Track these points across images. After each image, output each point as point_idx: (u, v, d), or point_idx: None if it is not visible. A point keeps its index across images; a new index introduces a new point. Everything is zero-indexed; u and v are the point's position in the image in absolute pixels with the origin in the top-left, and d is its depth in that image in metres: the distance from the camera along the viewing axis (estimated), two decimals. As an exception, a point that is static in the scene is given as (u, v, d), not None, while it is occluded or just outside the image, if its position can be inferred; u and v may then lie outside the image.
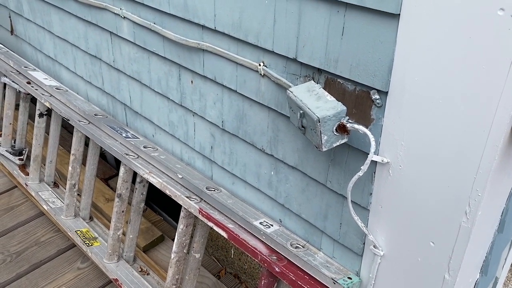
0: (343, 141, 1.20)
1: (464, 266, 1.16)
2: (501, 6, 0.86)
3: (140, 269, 2.18)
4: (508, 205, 1.27)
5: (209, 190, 1.76)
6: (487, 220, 1.17)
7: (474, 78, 0.95)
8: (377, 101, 1.15)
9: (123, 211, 2.11)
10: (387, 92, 1.12)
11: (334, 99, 1.20)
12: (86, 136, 2.24)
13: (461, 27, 0.93)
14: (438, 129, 1.05)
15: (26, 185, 2.61)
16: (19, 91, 2.68)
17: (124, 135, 2.10)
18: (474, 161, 1.02)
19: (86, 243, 2.24)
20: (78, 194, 2.43)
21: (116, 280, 2.08)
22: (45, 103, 2.43)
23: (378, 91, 1.14)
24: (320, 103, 1.18)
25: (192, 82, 1.72)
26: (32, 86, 2.53)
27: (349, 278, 1.41)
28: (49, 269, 2.30)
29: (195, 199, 1.77)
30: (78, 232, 2.31)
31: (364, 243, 1.36)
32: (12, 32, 2.93)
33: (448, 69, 0.98)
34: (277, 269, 1.47)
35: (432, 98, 1.04)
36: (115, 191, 2.11)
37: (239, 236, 1.59)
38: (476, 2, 0.90)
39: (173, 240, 1.91)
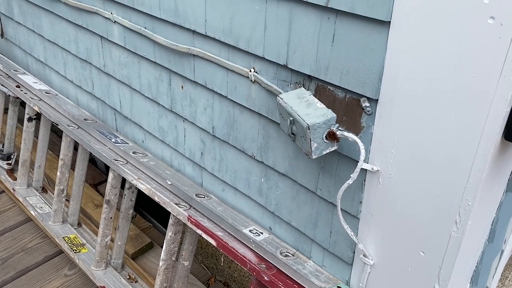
0: (333, 149, 1.19)
1: (454, 276, 1.14)
2: (491, 14, 0.86)
3: (128, 277, 2.15)
4: (499, 214, 1.27)
5: (199, 197, 1.74)
6: (478, 229, 1.17)
7: (465, 87, 0.95)
8: (367, 108, 1.14)
9: (111, 218, 2.08)
10: (377, 100, 1.11)
11: (324, 106, 1.19)
12: (76, 141, 2.21)
13: (452, 35, 0.93)
14: (428, 137, 1.04)
15: (14, 190, 2.57)
16: (8, 95, 2.65)
17: (113, 140, 2.08)
18: (464, 170, 1.01)
19: (73, 250, 2.21)
20: (66, 200, 2.40)
21: (104, 287, 2.05)
22: (34, 107, 2.41)
23: (368, 99, 1.13)
24: (310, 110, 1.17)
25: (182, 87, 1.70)
26: (21, 90, 2.51)
27: (339, 287, 1.39)
28: (35, 276, 2.26)
29: (184, 206, 1.75)
30: (66, 238, 2.27)
31: (354, 252, 1.35)
32: (2, 35, 2.90)
33: (439, 77, 0.98)
34: (266, 277, 1.45)
35: (423, 107, 1.03)
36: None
37: (228, 244, 1.57)
38: (466, 11, 0.89)
39: (162, 247, 1.88)
